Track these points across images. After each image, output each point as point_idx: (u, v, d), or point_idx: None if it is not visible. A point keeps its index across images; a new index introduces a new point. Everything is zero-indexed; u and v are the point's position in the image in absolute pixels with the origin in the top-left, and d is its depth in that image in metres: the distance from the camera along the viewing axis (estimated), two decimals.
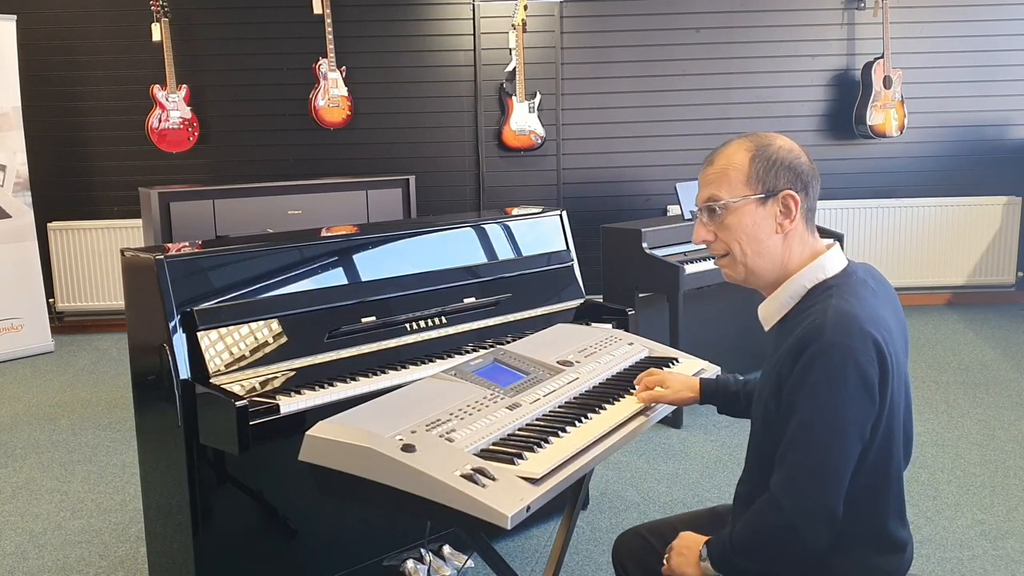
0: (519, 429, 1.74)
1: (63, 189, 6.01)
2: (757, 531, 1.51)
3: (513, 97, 5.89)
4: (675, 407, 2.03)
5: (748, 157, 1.59)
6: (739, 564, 1.54)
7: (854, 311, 1.47)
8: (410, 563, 2.61)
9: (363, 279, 2.58)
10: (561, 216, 3.17)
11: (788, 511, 1.46)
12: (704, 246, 1.70)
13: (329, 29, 5.71)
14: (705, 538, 1.60)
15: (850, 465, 1.48)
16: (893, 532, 1.59)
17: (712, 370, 2.18)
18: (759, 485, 1.57)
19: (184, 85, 5.75)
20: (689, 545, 1.62)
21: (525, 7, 5.80)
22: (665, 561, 1.65)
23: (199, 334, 2.23)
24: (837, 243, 1.65)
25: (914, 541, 1.67)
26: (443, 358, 2.53)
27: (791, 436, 1.48)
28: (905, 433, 1.59)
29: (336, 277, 2.54)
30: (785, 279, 1.61)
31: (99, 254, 5.99)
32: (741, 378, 1.96)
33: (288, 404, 2.16)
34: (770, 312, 1.65)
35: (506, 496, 1.44)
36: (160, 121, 5.72)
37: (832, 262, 1.60)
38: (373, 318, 2.52)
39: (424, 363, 2.48)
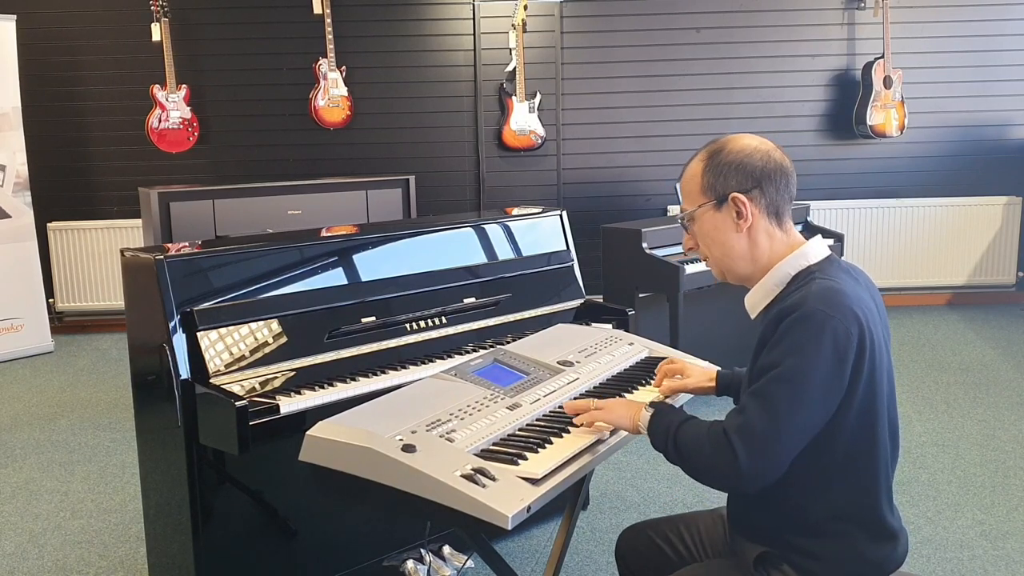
0: (519, 429, 1.74)
1: (63, 189, 6.01)
2: (701, 451, 1.56)
3: (513, 97, 5.89)
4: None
5: (701, 168, 1.68)
6: (670, 452, 1.61)
7: (839, 288, 1.54)
8: (410, 563, 2.61)
9: (363, 279, 2.58)
10: (561, 216, 3.17)
11: (741, 457, 1.49)
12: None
13: (329, 29, 5.71)
14: (645, 405, 1.70)
15: (808, 429, 1.51)
16: (883, 518, 1.60)
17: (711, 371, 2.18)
18: None
19: (184, 85, 5.75)
20: (634, 403, 1.73)
21: (525, 7, 5.80)
22: (596, 407, 1.74)
23: (199, 334, 2.23)
24: (819, 235, 1.71)
25: (914, 541, 1.68)
26: (443, 358, 2.53)
27: (758, 386, 1.52)
28: (890, 421, 1.61)
29: (336, 277, 2.54)
30: (761, 272, 1.67)
31: (99, 254, 5.99)
32: None
33: (288, 404, 2.16)
34: (756, 300, 1.69)
35: (506, 496, 1.44)
36: (160, 121, 5.72)
37: (814, 250, 1.66)
38: (373, 318, 2.52)
39: (424, 363, 2.48)
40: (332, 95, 5.79)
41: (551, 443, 1.66)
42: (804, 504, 1.58)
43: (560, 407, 1.87)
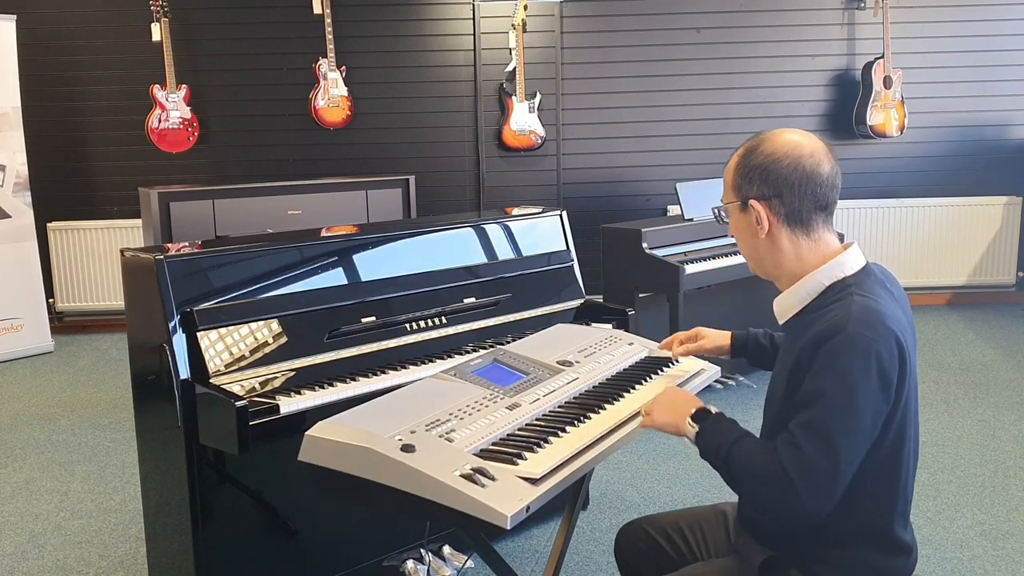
0: (519, 429, 1.74)
1: (63, 189, 6.01)
2: (758, 484, 1.51)
3: (513, 97, 5.89)
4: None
5: (735, 164, 1.67)
6: (720, 470, 1.58)
7: (879, 308, 1.50)
8: (410, 563, 2.61)
9: (363, 279, 2.58)
10: (561, 216, 3.17)
11: (804, 497, 1.45)
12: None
13: (329, 29, 5.71)
14: (698, 403, 1.66)
15: (859, 455, 1.48)
16: (897, 534, 1.59)
17: (711, 370, 2.18)
18: None
19: (184, 85, 5.75)
20: (682, 398, 1.69)
21: (525, 7, 5.80)
22: (644, 412, 1.72)
23: (199, 334, 2.23)
24: (855, 243, 1.66)
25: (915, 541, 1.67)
26: (443, 358, 2.53)
27: (810, 417, 1.47)
28: (915, 439, 1.60)
29: (336, 277, 2.54)
30: (789, 277, 1.64)
31: (99, 254, 5.99)
32: (771, 333, 2.01)
33: (288, 404, 2.16)
34: (786, 307, 1.66)
35: (506, 496, 1.44)
36: (160, 121, 5.72)
37: (851, 261, 1.61)
38: (373, 318, 2.52)
39: (424, 363, 2.48)
40: (332, 95, 5.79)
41: (550, 443, 1.66)
42: (824, 519, 1.54)
43: (560, 407, 1.87)
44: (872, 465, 1.52)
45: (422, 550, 2.66)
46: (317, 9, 5.69)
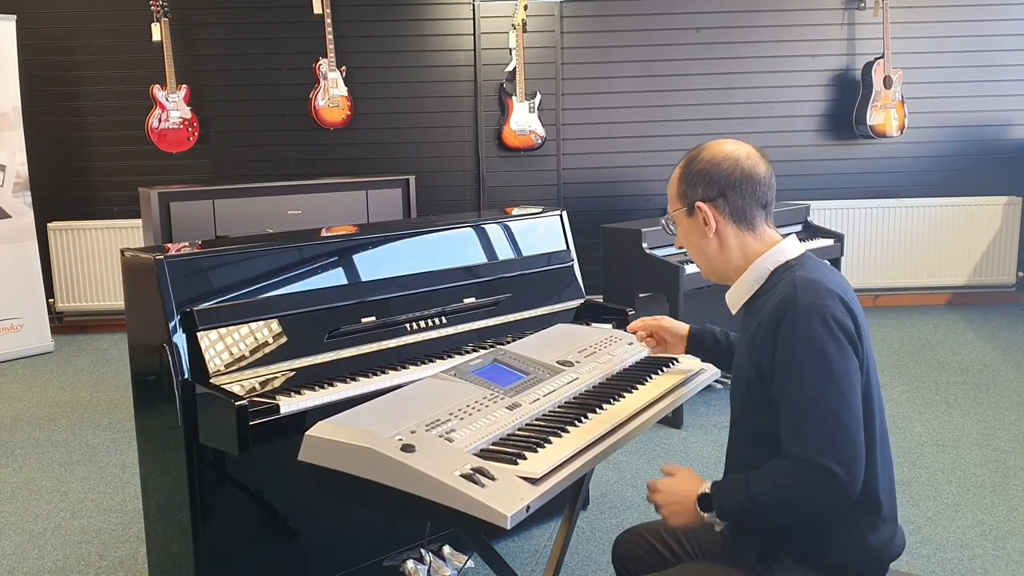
0: (519, 429, 1.74)
1: (63, 189, 6.01)
2: (793, 496, 1.52)
3: (513, 97, 5.89)
4: (671, 405, 2.04)
5: (678, 175, 1.77)
6: (758, 520, 1.58)
7: (817, 277, 1.61)
8: (410, 563, 2.61)
9: (363, 279, 2.58)
10: (561, 216, 3.17)
11: (840, 473, 1.48)
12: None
13: (329, 29, 5.71)
14: (696, 489, 1.64)
15: (859, 410, 1.53)
16: (881, 497, 1.62)
17: (711, 371, 2.18)
18: (744, 463, 1.63)
19: (184, 85, 5.75)
20: (680, 497, 1.66)
21: (525, 7, 5.80)
22: (663, 516, 1.70)
23: (199, 334, 2.23)
24: (793, 235, 1.77)
25: (914, 541, 1.69)
26: (443, 358, 2.53)
27: (796, 399, 1.53)
28: (880, 406, 1.64)
29: (336, 277, 2.54)
30: (737, 270, 1.74)
31: (99, 254, 5.99)
32: (728, 332, 2.08)
33: (288, 404, 2.16)
34: (736, 296, 1.75)
35: (506, 496, 1.44)
36: (160, 121, 5.72)
37: (791, 247, 1.72)
38: (373, 318, 2.52)
39: (424, 363, 2.48)
40: (332, 95, 5.79)
41: (550, 443, 1.66)
42: None
43: (560, 407, 1.87)
44: None
45: (422, 550, 2.66)
46: (317, 9, 5.69)
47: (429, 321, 2.63)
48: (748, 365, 1.63)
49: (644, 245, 4.08)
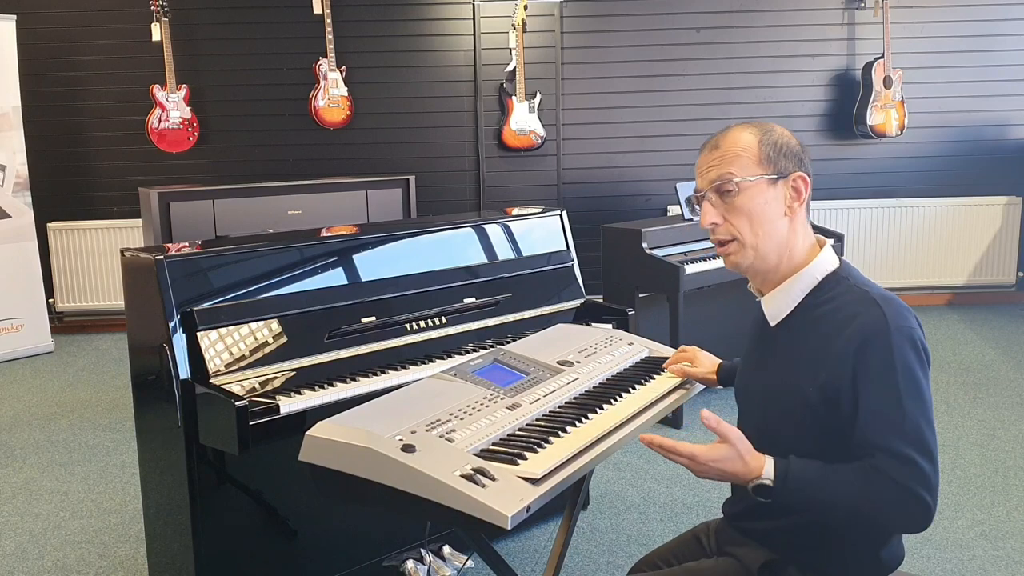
0: (519, 429, 1.74)
1: (63, 189, 6.01)
2: (881, 506, 1.44)
3: (513, 97, 5.89)
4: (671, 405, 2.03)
5: (756, 140, 1.61)
6: (821, 513, 1.49)
7: (890, 294, 1.52)
8: (410, 563, 2.61)
9: (363, 279, 2.58)
10: (561, 216, 3.17)
11: (933, 505, 1.43)
12: (707, 240, 1.74)
13: (329, 29, 5.71)
14: (752, 474, 1.49)
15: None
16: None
17: None
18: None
19: (184, 85, 5.75)
20: (726, 476, 1.52)
21: (525, 7, 5.80)
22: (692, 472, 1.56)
23: (199, 334, 2.23)
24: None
25: (914, 541, 1.69)
26: (443, 358, 2.53)
27: (896, 424, 1.44)
28: None
29: (336, 277, 2.54)
30: (788, 266, 1.61)
31: (99, 254, 5.99)
32: None
33: (288, 404, 2.16)
34: (781, 307, 1.62)
35: (506, 496, 1.44)
36: (160, 121, 5.72)
37: (832, 255, 1.63)
38: (373, 318, 2.52)
39: (424, 363, 2.48)
40: (332, 95, 5.79)
41: (551, 443, 1.66)
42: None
43: (560, 407, 1.87)
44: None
45: (422, 550, 2.66)
46: (317, 9, 5.69)
47: (429, 321, 2.63)
48: (808, 385, 1.52)
49: (644, 245, 4.08)
